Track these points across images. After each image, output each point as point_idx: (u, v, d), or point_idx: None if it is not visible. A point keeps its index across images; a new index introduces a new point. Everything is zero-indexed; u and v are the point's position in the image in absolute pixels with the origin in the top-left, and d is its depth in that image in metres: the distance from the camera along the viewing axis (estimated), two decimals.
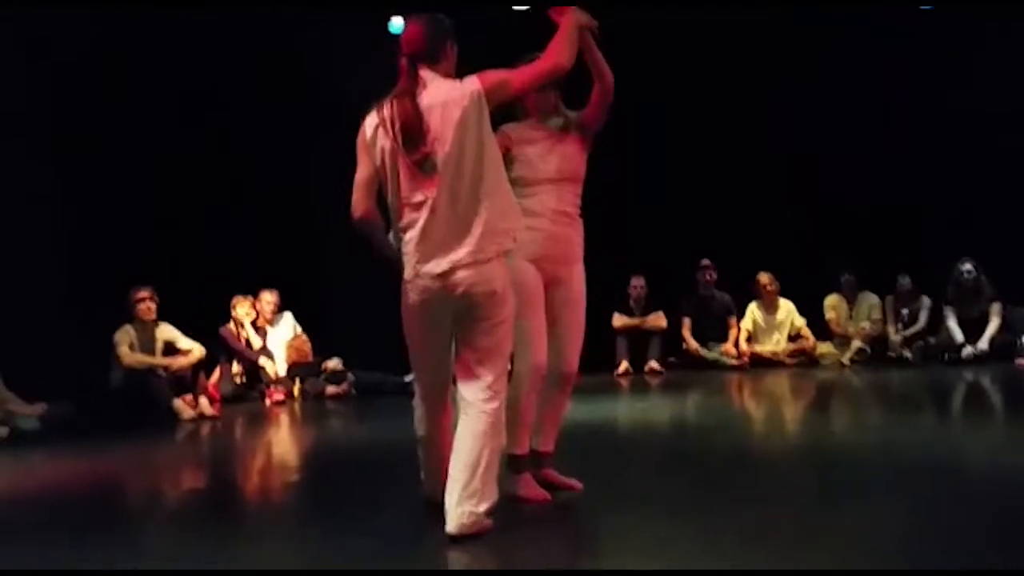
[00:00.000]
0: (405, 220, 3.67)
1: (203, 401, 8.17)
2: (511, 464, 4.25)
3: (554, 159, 4.30)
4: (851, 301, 10.36)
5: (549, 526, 3.88)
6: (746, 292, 10.42)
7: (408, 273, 3.68)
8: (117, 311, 8.25)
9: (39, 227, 8.25)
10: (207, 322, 8.94)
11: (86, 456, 6.54)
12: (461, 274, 3.60)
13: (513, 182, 4.05)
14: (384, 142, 3.65)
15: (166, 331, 8.35)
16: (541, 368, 4.20)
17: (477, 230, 3.61)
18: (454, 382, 3.86)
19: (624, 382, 9.62)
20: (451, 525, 3.51)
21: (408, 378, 8.48)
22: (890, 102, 10.38)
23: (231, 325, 9.18)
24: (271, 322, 9.41)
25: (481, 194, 3.62)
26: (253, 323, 9.27)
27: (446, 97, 3.62)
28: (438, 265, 3.61)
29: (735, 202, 10.61)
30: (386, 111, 3.65)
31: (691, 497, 4.36)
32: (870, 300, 10.27)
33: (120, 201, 8.96)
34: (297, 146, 9.30)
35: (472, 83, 3.64)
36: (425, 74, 3.69)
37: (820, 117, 10.40)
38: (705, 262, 10.41)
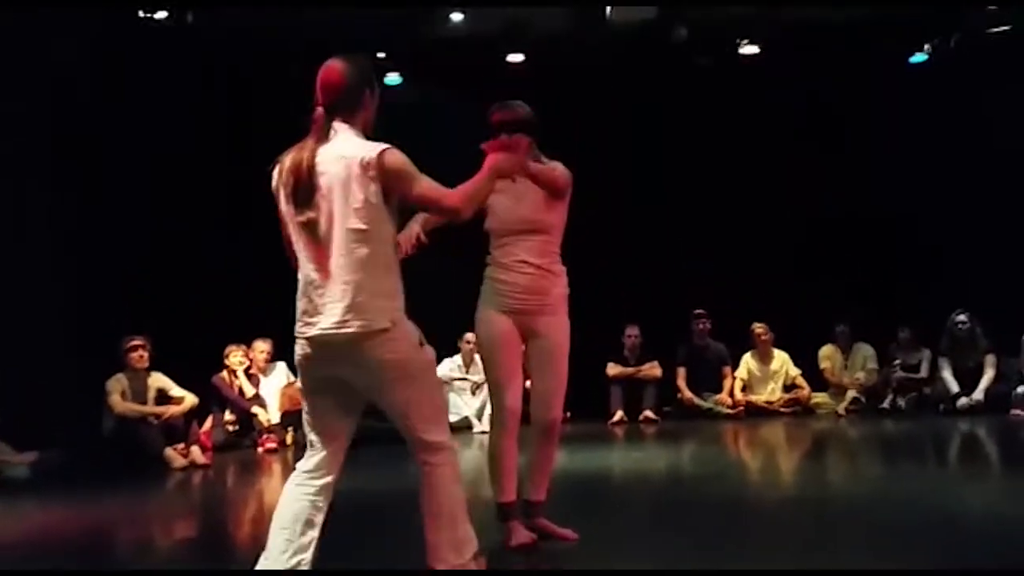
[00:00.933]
0: (300, 277, 3.47)
1: (195, 450, 8.13)
2: (499, 513, 4.29)
3: (522, 209, 4.25)
4: (846, 351, 10.38)
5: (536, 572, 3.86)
6: (741, 342, 10.44)
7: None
8: (109, 359, 8.23)
9: (32, 275, 8.24)
10: (200, 371, 8.92)
11: (76, 504, 6.49)
12: (336, 348, 3.35)
13: (487, 233, 4.22)
14: (281, 196, 3.45)
15: (158, 379, 8.33)
16: (514, 413, 4.25)
17: (345, 302, 3.31)
18: None
19: (619, 431, 9.60)
20: None
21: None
22: (888, 152, 10.46)
23: (224, 374, 9.16)
24: (264, 371, 9.40)
25: (360, 262, 3.31)
26: (246, 371, 9.26)
27: (343, 156, 3.34)
28: (309, 329, 3.38)
29: (730, 252, 10.67)
30: (286, 163, 3.42)
31: (684, 547, 4.35)
32: (865, 351, 10.30)
33: (114, 249, 8.97)
34: None
35: (375, 151, 3.33)
36: (338, 127, 3.41)
37: (816, 169, 10.49)
38: (699, 311, 10.44)
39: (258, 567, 3.47)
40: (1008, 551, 4.02)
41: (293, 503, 3.47)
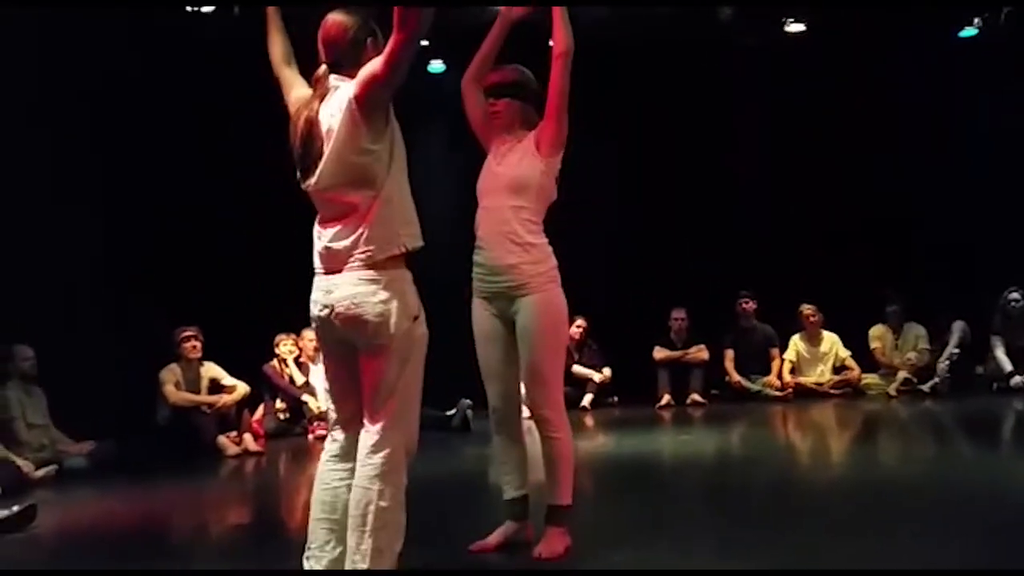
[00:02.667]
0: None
1: (247, 438, 8.24)
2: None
3: (501, 167, 3.96)
4: (897, 332, 10.26)
5: (585, 560, 3.87)
6: (790, 324, 10.36)
7: None
8: (163, 350, 8.36)
9: (85, 267, 8.38)
10: (251, 360, 9.02)
11: (133, 493, 6.61)
12: (336, 296, 3.32)
13: None
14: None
15: (211, 369, 8.44)
16: (495, 411, 4.02)
17: (355, 245, 3.29)
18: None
19: (666, 415, 9.58)
20: None
21: (449, 412, 8.57)
22: (940, 134, 10.29)
23: (274, 362, 9.26)
24: (314, 359, 9.47)
25: (356, 211, 3.29)
26: (296, 360, 9.35)
27: (330, 109, 3.30)
28: (316, 292, 3.41)
29: (778, 233, 10.58)
30: (292, 124, 3.41)
31: (734, 531, 4.34)
32: (917, 331, 10.16)
33: (166, 241, 9.10)
34: None
35: (348, 90, 3.26)
36: (339, 82, 3.34)
37: (867, 147, 10.37)
38: (744, 292, 10.38)
39: (304, 561, 3.45)
40: None
41: (327, 491, 3.45)
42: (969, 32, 10.16)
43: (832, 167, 10.47)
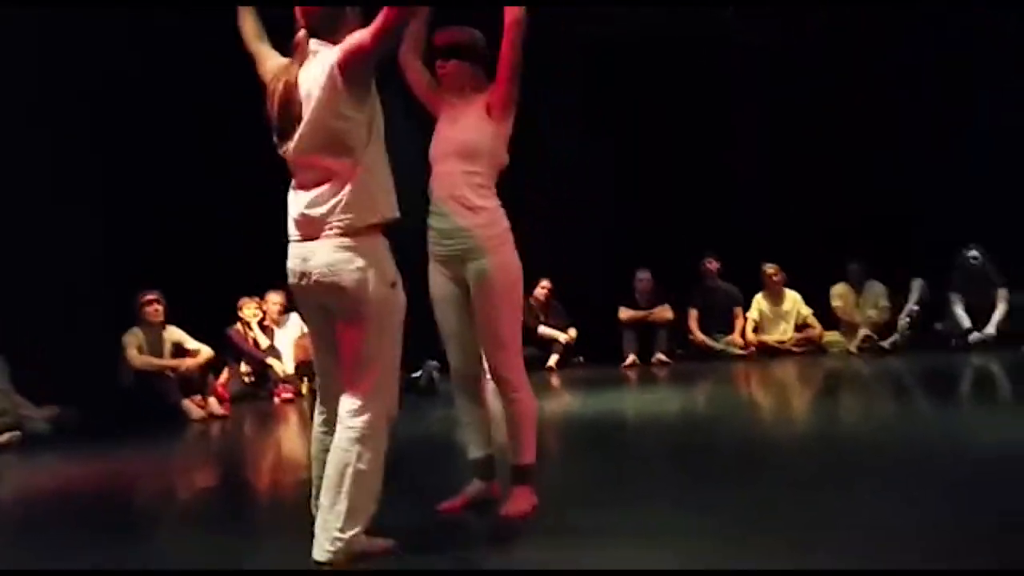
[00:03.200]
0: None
1: (212, 401, 8.23)
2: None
3: (453, 130, 3.90)
4: (858, 290, 10.36)
5: (550, 518, 3.90)
6: (752, 283, 10.43)
7: None
8: (124, 314, 8.29)
9: (45, 231, 8.26)
10: (214, 323, 8.98)
11: (96, 458, 6.58)
12: (312, 264, 3.35)
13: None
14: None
15: (174, 333, 8.39)
16: (456, 372, 4.04)
17: (331, 212, 3.30)
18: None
19: (632, 374, 9.65)
20: (317, 552, 3.30)
21: (415, 374, 8.57)
22: (891, 95, 10.34)
23: (238, 326, 9.23)
24: (278, 323, 9.46)
25: (335, 177, 3.30)
26: (260, 323, 9.32)
27: (311, 73, 3.30)
28: (292, 260, 3.43)
29: (740, 194, 10.64)
30: (268, 90, 3.41)
31: (698, 488, 4.39)
32: (876, 288, 10.26)
33: (125, 203, 8.98)
34: None
35: (331, 56, 3.27)
36: (318, 47, 3.35)
37: (823, 110, 10.41)
38: (708, 253, 10.44)
39: (312, 509, 3.47)
40: (1015, 487, 4.04)
41: (324, 460, 3.45)
42: None
43: (796, 128, 10.54)
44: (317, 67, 3.30)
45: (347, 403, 3.36)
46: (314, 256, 3.34)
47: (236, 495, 5.29)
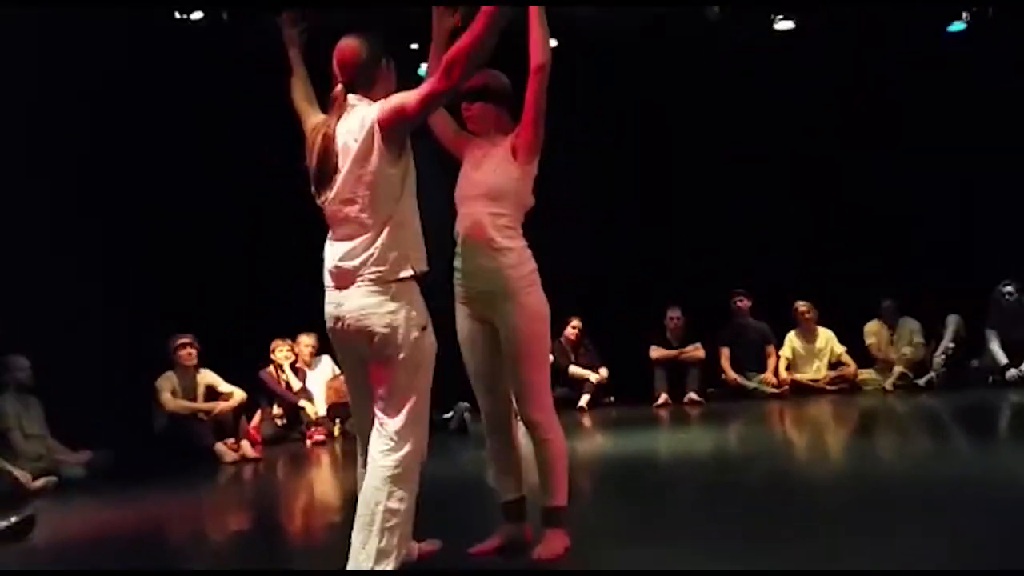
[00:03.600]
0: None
1: (245, 444, 8.25)
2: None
3: (478, 174, 3.92)
4: (892, 327, 10.28)
5: (584, 559, 3.87)
6: (785, 320, 10.38)
7: None
8: (158, 358, 8.36)
9: (79, 277, 8.33)
10: (247, 366, 9.03)
11: (131, 501, 6.60)
12: (345, 309, 3.44)
13: None
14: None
15: (207, 376, 8.44)
16: (488, 415, 4.02)
17: (364, 265, 3.41)
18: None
19: (663, 413, 9.60)
20: None
21: (447, 415, 8.57)
22: (930, 133, 10.31)
23: (270, 368, 9.27)
24: (310, 364, 9.49)
25: (370, 230, 3.41)
26: (292, 366, 9.36)
27: (350, 127, 3.43)
28: (328, 306, 3.52)
29: (771, 230, 10.59)
30: (308, 142, 3.54)
31: (731, 529, 4.35)
32: (911, 325, 10.19)
33: (163, 249, 9.09)
34: None
35: (372, 112, 3.41)
36: (355, 100, 3.50)
37: (863, 145, 10.38)
38: (738, 289, 10.40)
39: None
40: None
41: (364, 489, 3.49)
42: (958, 26, 10.18)
43: (828, 165, 10.49)
44: (355, 121, 3.42)
45: (379, 442, 3.41)
46: (347, 301, 3.43)
47: (269, 538, 5.30)
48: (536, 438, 3.90)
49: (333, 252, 3.50)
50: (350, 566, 3.36)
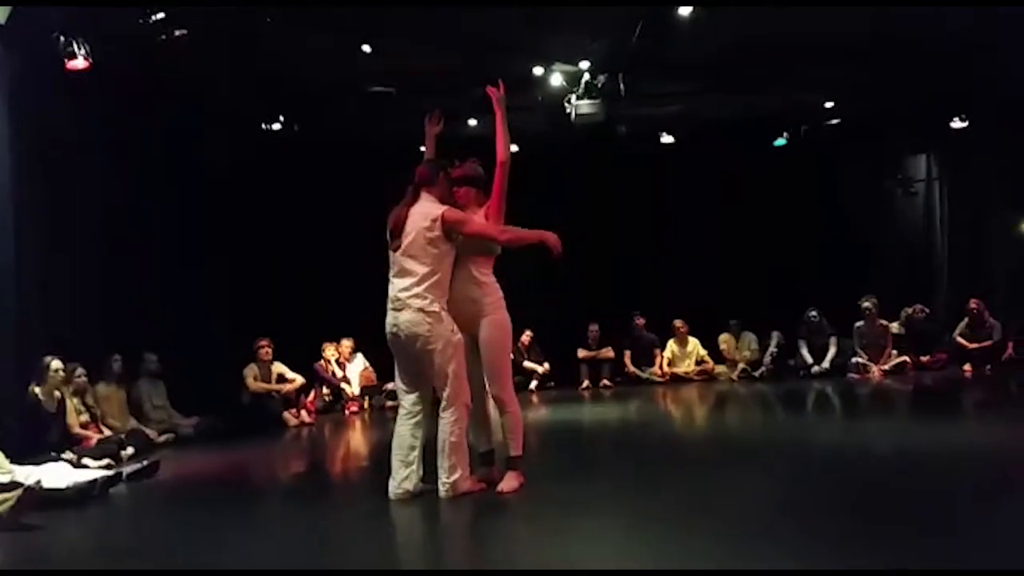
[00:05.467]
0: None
1: (303, 414, 8.15)
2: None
3: (462, 241, 3.86)
4: (737, 337, 10.38)
5: (534, 492, 3.85)
6: (667, 332, 10.43)
7: None
8: (246, 352, 8.25)
9: (194, 295, 7.99)
10: (306, 360, 8.93)
11: (226, 453, 6.50)
12: (401, 322, 3.74)
13: None
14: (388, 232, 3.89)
15: (278, 367, 8.33)
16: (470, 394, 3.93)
17: (407, 291, 3.74)
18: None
19: (586, 395, 9.60)
20: (440, 492, 3.72)
21: None
22: (763, 203, 10.33)
23: (322, 361, 9.18)
24: (349, 360, 9.41)
25: (420, 276, 3.73)
26: (337, 360, 9.28)
27: (423, 211, 3.79)
28: (389, 319, 3.80)
29: (658, 273, 10.58)
30: (393, 212, 3.88)
31: (631, 472, 4.38)
32: (750, 336, 10.28)
33: (250, 277, 8.87)
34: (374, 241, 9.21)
35: (439, 210, 3.77)
36: (424, 194, 3.85)
37: (716, 214, 10.42)
38: (636, 312, 10.43)
39: (390, 482, 3.79)
40: (843, 472, 4.04)
41: (401, 437, 3.84)
42: (781, 142, 10.35)
43: (702, 229, 10.54)
44: (427, 208, 3.81)
45: (441, 404, 3.76)
46: (401, 315, 3.76)
47: (320, 476, 5.25)
48: (501, 409, 3.90)
49: (395, 285, 3.80)
50: (439, 480, 3.71)
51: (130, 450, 6.11)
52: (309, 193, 9.50)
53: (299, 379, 8.37)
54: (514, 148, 4.02)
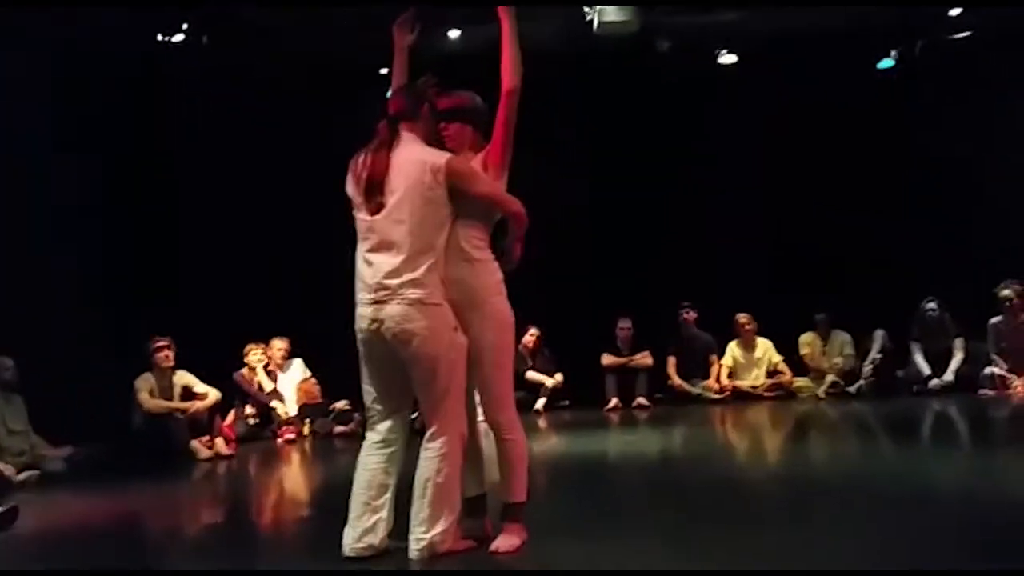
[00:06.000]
0: (358, 250, 3.81)
1: (219, 442, 8.16)
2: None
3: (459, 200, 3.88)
4: (825, 338, 10.41)
5: (539, 552, 3.87)
6: (727, 331, 10.47)
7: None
8: (137, 359, 8.26)
9: (61, 279, 8.24)
10: (221, 368, 8.94)
11: (109, 495, 6.52)
12: (386, 314, 3.67)
13: None
14: (351, 189, 3.81)
15: (183, 377, 8.34)
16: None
17: (396, 274, 3.66)
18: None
19: (614, 416, 9.63)
20: (410, 551, 3.73)
21: (413, 416, 8.53)
22: (859, 151, 10.46)
23: (244, 370, 9.20)
24: (282, 367, 9.42)
25: (413, 252, 3.66)
26: (265, 368, 9.29)
27: (413, 158, 3.73)
28: (366, 307, 3.72)
29: (716, 246, 10.67)
30: (360, 160, 3.80)
31: (677, 525, 4.38)
32: (842, 337, 10.32)
33: (138, 252, 9.01)
34: (311, 199, 9.31)
35: (440, 158, 3.73)
36: (405, 134, 3.82)
37: (798, 172, 10.47)
38: (684, 303, 10.47)
39: (346, 529, 3.80)
40: (976, 524, 4.05)
41: (367, 472, 3.84)
42: (887, 63, 10.34)
43: (770, 189, 10.60)
44: (418, 152, 3.75)
45: (429, 429, 3.74)
46: (387, 306, 3.66)
47: (240, 531, 5.25)
48: (499, 437, 3.88)
49: (373, 265, 3.71)
50: (411, 532, 3.71)
51: None
52: (224, 131, 9.49)
53: (213, 394, 8.38)
54: None
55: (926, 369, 9.63)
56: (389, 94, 3.98)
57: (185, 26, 8.67)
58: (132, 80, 8.92)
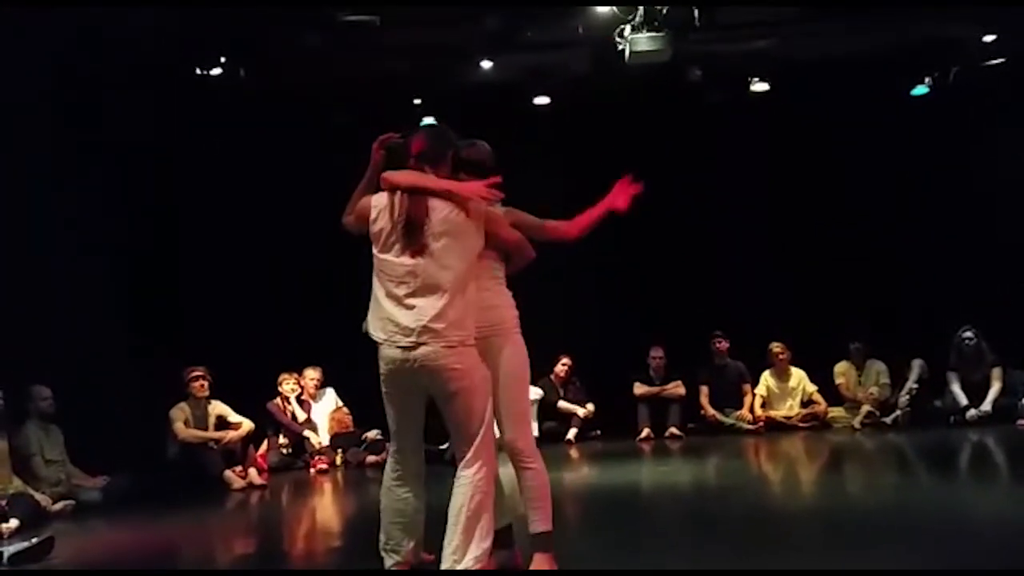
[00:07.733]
0: (384, 291, 3.75)
1: (252, 472, 8.20)
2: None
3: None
4: (860, 368, 10.30)
5: None
6: (760, 360, 10.39)
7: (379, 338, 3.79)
8: (172, 389, 8.33)
9: (99, 309, 8.27)
10: (255, 398, 8.99)
11: (144, 525, 6.56)
12: (420, 351, 3.67)
13: None
14: (384, 224, 3.74)
15: (218, 407, 8.41)
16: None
17: (441, 318, 3.66)
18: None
19: (646, 447, 9.57)
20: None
21: (443, 446, 8.53)
22: (892, 177, 10.43)
23: (277, 400, 9.24)
24: (314, 397, 9.46)
25: (452, 296, 3.68)
26: (298, 398, 9.33)
27: (453, 203, 3.76)
28: (401, 351, 3.70)
29: (748, 275, 10.62)
30: (396, 200, 3.75)
31: (710, 557, 4.35)
32: (878, 367, 10.21)
33: (175, 283, 9.09)
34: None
35: (479, 204, 3.79)
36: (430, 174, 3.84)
37: (830, 199, 10.45)
38: (716, 332, 10.41)
39: (383, 554, 3.93)
40: (1016, 555, 3.99)
41: (398, 501, 3.93)
42: (921, 90, 10.29)
43: (802, 217, 10.55)
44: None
45: (464, 458, 3.76)
46: (421, 350, 3.66)
47: (273, 562, 5.26)
48: (520, 466, 3.92)
49: (408, 309, 3.68)
50: (443, 560, 3.67)
51: (13, 523, 6.15)
52: (262, 164, 9.59)
53: (247, 424, 8.43)
54: (545, 100, 4.05)
55: (963, 399, 9.49)
56: (391, 143, 4.00)
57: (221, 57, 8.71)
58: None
